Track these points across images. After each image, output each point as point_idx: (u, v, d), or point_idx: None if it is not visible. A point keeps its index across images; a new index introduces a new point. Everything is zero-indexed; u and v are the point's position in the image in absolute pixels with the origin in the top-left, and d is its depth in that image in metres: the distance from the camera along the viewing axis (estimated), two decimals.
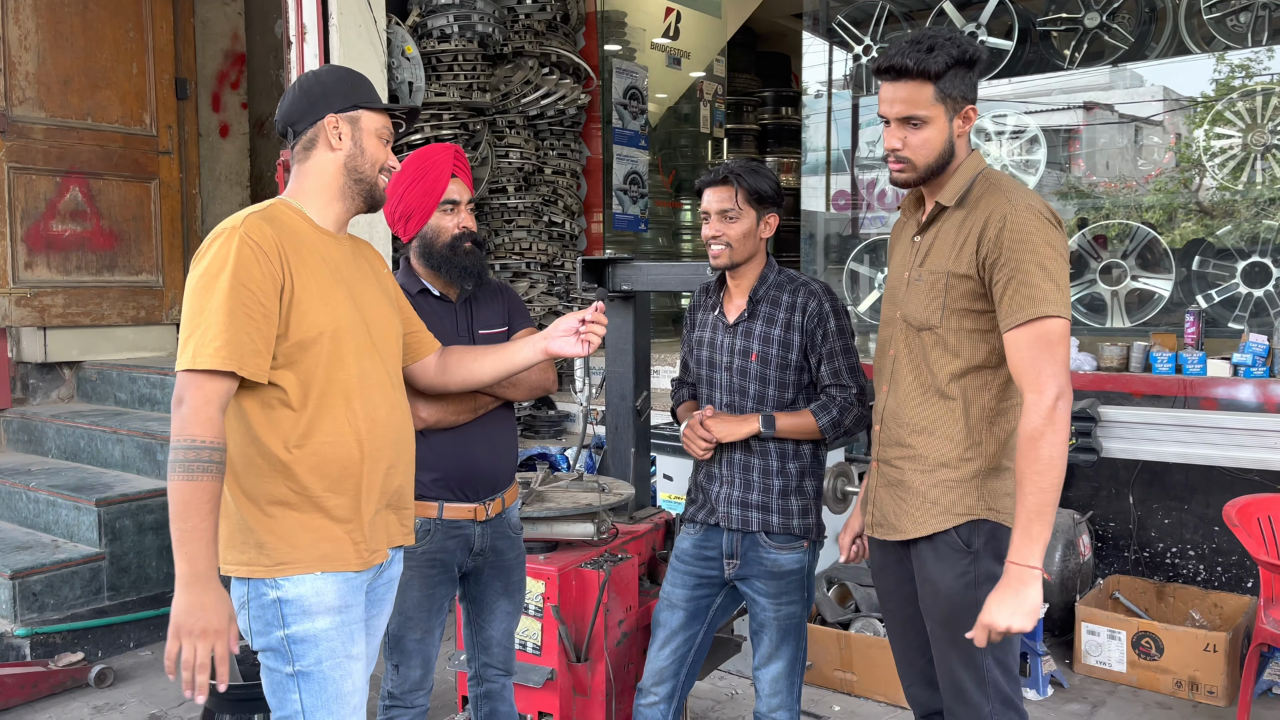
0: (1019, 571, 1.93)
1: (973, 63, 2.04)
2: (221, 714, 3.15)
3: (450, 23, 5.37)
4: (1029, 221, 1.96)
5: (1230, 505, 3.52)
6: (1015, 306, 1.96)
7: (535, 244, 5.89)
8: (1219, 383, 4.28)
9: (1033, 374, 1.94)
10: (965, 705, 2.10)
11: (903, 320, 2.17)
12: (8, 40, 5.27)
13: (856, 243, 5.98)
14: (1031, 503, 1.92)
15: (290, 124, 2.01)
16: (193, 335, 1.81)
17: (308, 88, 2.02)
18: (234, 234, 1.85)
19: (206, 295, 1.82)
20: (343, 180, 2.01)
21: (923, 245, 2.15)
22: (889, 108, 2.07)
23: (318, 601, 1.93)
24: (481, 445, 2.46)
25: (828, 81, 6.28)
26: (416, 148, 2.74)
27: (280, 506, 1.91)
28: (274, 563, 1.91)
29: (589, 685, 2.88)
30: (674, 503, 4.13)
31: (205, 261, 1.86)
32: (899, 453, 2.17)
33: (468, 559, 2.49)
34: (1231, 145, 4.82)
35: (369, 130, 2.02)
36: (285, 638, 1.92)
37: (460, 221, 2.44)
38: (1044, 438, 1.91)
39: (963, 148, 2.10)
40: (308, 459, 1.91)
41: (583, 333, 2.19)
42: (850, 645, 3.80)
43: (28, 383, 5.59)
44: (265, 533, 1.91)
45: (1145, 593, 4.25)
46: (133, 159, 5.91)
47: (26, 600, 4.08)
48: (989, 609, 1.96)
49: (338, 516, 1.95)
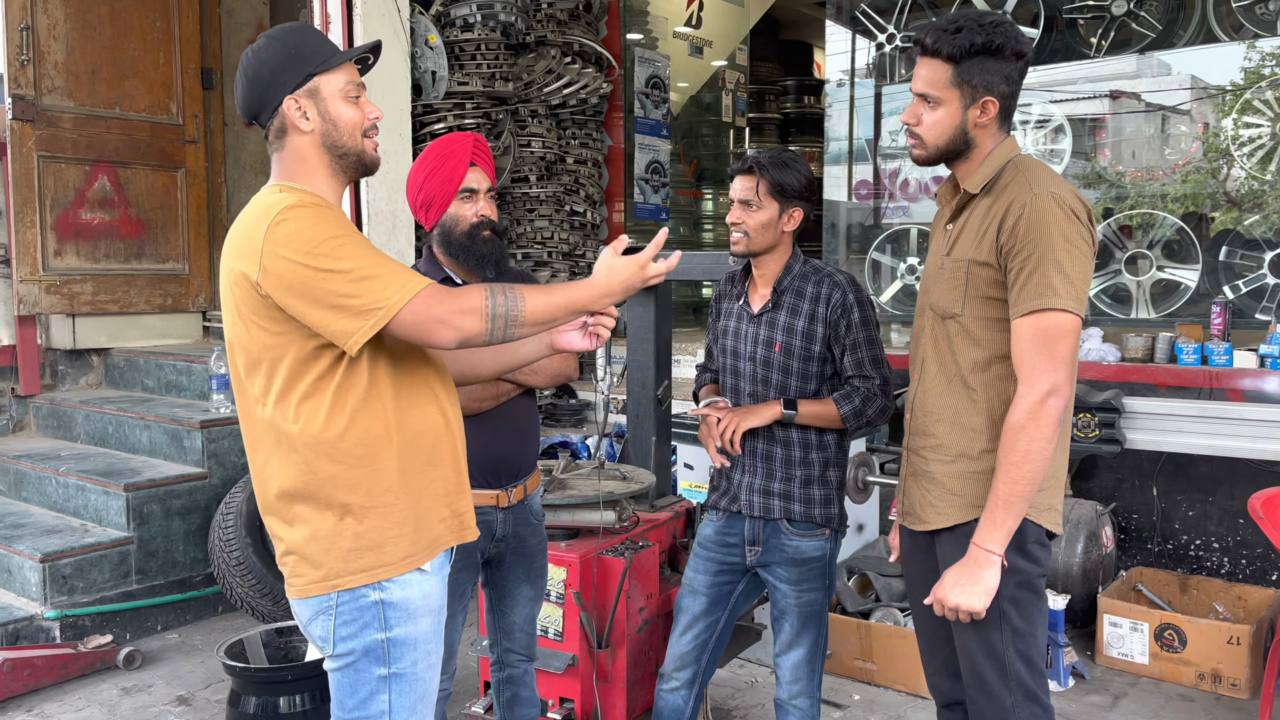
0: (978, 554, 1.96)
1: (998, 52, 1.98)
2: (247, 696, 3.20)
3: (473, 11, 5.38)
4: (1049, 211, 1.93)
5: (1255, 498, 3.49)
6: (1023, 297, 1.94)
7: (557, 233, 5.91)
8: (1245, 374, 4.24)
9: (1027, 366, 1.93)
10: (987, 696, 2.10)
11: (930, 309, 2.17)
12: (36, 30, 5.33)
13: (879, 232, 5.95)
14: (1002, 492, 1.93)
15: (253, 117, 1.85)
16: (379, 278, 1.68)
17: (252, 75, 1.82)
18: (313, 204, 1.74)
19: (355, 248, 1.70)
20: (326, 158, 1.84)
21: (953, 233, 2.13)
22: (913, 82, 2.08)
23: (423, 604, 1.87)
24: (504, 432, 2.47)
25: (850, 70, 6.24)
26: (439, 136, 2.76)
27: (385, 494, 1.81)
28: (379, 564, 1.80)
29: (610, 671, 2.90)
30: (694, 491, 4.14)
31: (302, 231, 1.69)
32: (924, 442, 2.17)
33: (490, 545, 2.51)
34: (1260, 134, 4.76)
35: (333, 96, 1.83)
36: (388, 640, 1.82)
37: (479, 210, 2.42)
38: (1025, 431, 1.91)
39: (984, 138, 2.06)
40: (407, 437, 1.83)
41: (590, 325, 2.09)
42: (871, 634, 3.80)
43: (57, 369, 5.66)
44: (371, 534, 1.80)
45: (1168, 585, 4.23)
46: (160, 148, 5.96)
47: (56, 583, 4.14)
48: (944, 583, 2.00)
49: (439, 491, 1.88)
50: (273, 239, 1.69)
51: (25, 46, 5.26)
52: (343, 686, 1.84)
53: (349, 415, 1.77)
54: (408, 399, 1.84)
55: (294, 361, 1.75)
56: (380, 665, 1.82)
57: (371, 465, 1.79)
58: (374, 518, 1.80)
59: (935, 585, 2.03)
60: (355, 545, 1.79)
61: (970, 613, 1.97)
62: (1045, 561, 2.08)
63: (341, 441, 1.77)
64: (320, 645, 1.84)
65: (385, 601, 1.81)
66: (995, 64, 2.00)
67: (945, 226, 2.18)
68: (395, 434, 1.81)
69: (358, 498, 1.79)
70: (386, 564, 1.81)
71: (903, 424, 2.31)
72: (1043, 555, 2.07)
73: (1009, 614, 2.04)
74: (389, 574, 1.81)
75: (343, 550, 1.79)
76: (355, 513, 1.79)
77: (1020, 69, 2.03)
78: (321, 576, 1.79)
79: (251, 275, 1.71)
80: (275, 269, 1.69)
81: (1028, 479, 1.91)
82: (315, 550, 1.79)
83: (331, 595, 1.80)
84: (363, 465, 1.78)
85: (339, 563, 1.79)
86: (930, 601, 2.04)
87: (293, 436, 1.77)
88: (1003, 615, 2.03)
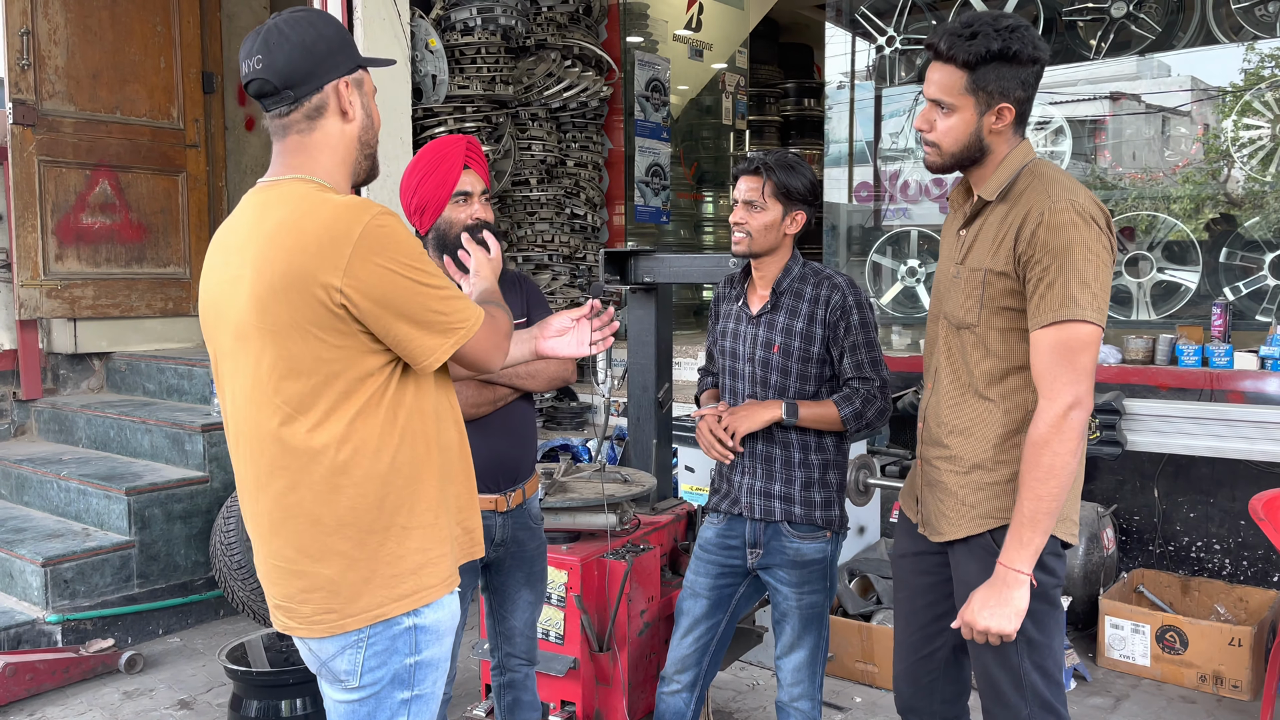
0: (1005, 574, 1.92)
1: (1014, 58, 1.92)
2: (249, 700, 3.20)
3: (473, 15, 5.39)
4: (1068, 220, 1.88)
5: (1256, 499, 3.49)
6: (1043, 308, 1.89)
7: (557, 236, 5.91)
8: (1246, 376, 4.24)
9: (1049, 379, 1.89)
10: (1003, 707, 2.06)
11: (944, 318, 2.13)
12: (37, 35, 5.34)
13: (879, 235, 5.96)
14: (1027, 509, 1.89)
15: (289, 85, 1.67)
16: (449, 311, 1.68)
17: (309, 44, 1.67)
18: (384, 212, 1.64)
19: (435, 265, 1.67)
20: (355, 154, 1.76)
21: (966, 240, 2.09)
22: (927, 87, 2.02)
23: (450, 624, 1.79)
24: (502, 436, 2.47)
25: (850, 73, 6.25)
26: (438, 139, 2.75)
27: (426, 514, 1.73)
28: (422, 588, 1.72)
29: (611, 674, 2.90)
30: (696, 494, 4.14)
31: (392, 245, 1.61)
32: (937, 453, 2.14)
33: (489, 549, 2.50)
34: (1260, 136, 4.77)
35: (370, 93, 1.78)
36: (415, 664, 1.73)
37: (473, 213, 2.40)
38: (1048, 446, 1.87)
39: (999, 144, 2.01)
40: (444, 453, 1.78)
41: (595, 341, 2.08)
42: (872, 637, 3.80)
43: (58, 373, 5.67)
44: (414, 556, 1.71)
45: (1170, 586, 4.23)
46: (160, 152, 5.97)
47: (58, 587, 4.15)
48: (972, 606, 1.95)
49: (455, 508, 1.82)
50: (368, 244, 1.58)
51: (26, 51, 5.28)
52: (358, 715, 1.72)
53: (399, 433, 1.69)
54: (437, 415, 1.78)
55: (352, 379, 1.64)
56: (404, 689, 1.73)
57: (416, 485, 1.71)
58: (416, 539, 1.71)
59: (963, 608, 1.97)
60: (398, 570, 1.69)
61: (1001, 635, 1.92)
62: (1060, 572, 2.05)
63: (395, 460, 1.68)
64: (343, 679, 1.71)
65: (419, 626, 1.72)
66: (1011, 70, 1.94)
67: (958, 232, 2.13)
68: (436, 451, 1.75)
69: (401, 519, 1.69)
70: (429, 586, 1.72)
71: (909, 429, 2.30)
72: (1058, 566, 2.04)
73: (1025, 627, 1.99)
74: (432, 597, 1.72)
75: (385, 577, 1.68)
76: (397, 535, 1.69)
77: (1036, 73, 1.97)
78: (361, 609, 1.67)
79: (327, 283, 1.57)
80: (368, 276, 1.58)
81: (1053, 495, 1.88)
82: (353, 581, 1.67)
83: (365, 629, 1.68)
84: (410, 485, 1.70)
85: (381, 590, 1.67)
86: (958, 625, 1.99)
87: (342, 458, 1.65)
88: (1019, 629, 1.99)
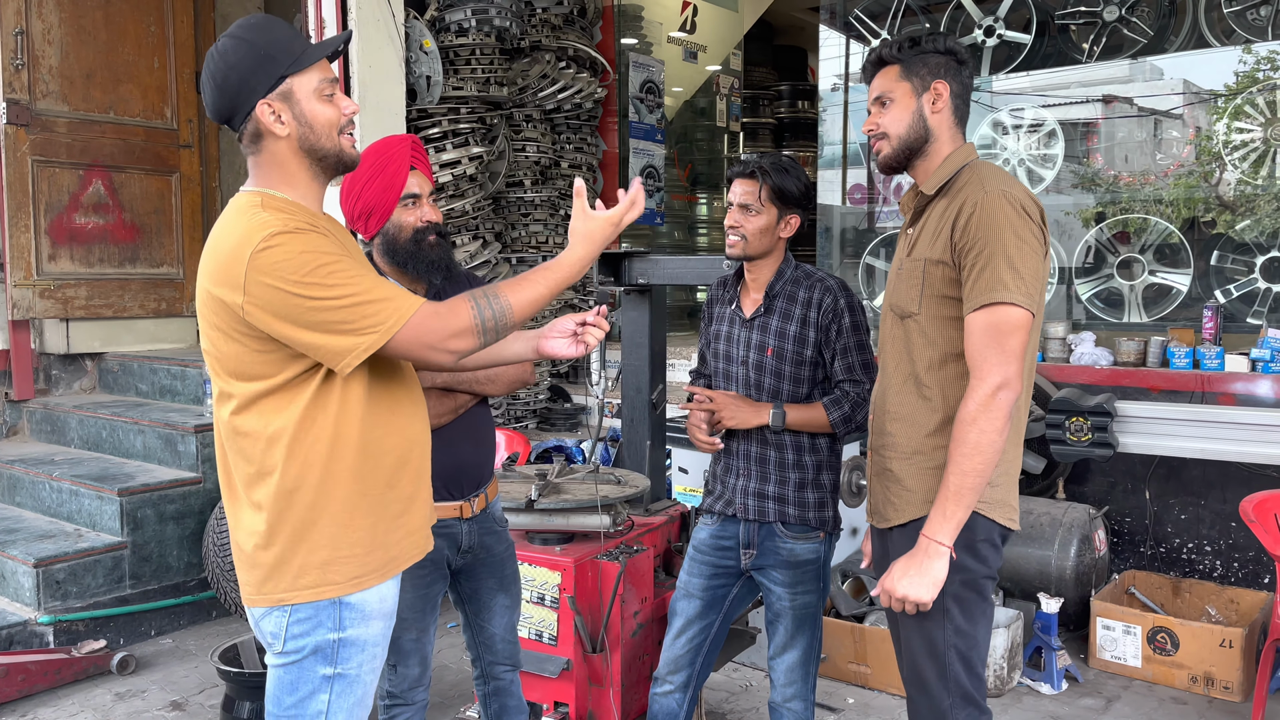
0: (927, 545, 1.97)
1: (934, 43, 2.11)
2: (241, 701, 3.20)
3: (468, 17, 5.39)
4: (1000, 209, 1.97)
5: (1247, 501, 3.51)
6: (975, 292, 1.97)
7: (552, 237, 5.92)
8: (1237, 378, 4.26)
9: (979, 360, 1.96)
10: (924, 694, 2.11)
11: (890, 309, 2.20)
12: (31, 34, 5.33)
13: (872, 237, 5.97)
14: (953, 483, 1.95)
15: (226, 120, 1.77)
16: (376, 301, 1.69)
17: (220, 80, 1.75)
18: (298, 229, 1.68)
19: (346, 272, 1.68)
20: (305, 162, 1.78)
21: (912, 236, 2.18)
22: (869, 98, 2.19)
23: (379, 608, 1.86)
24: (464, 443, 2.45)
25: (844, 75, 6.27)
26: (433, 141, 2.75)
27: (341, 514, 1.80)
28: (325, 582, 1.78)
29: (604, 675, 2.90)
30: (689, 495, 4.15)
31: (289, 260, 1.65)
32: (883, 440, 2.20)
33: (456, 556, 2.49)
34: (1252, 139, 4.79)
35: (307, 96, 1.75)
36: (339, 641, 1.80)
37: (423, 215, 2.37)
38: (975, 423, 1.93)
39: (941, 128, 2.12)
40: (370, 457, 1.82)
41: (580, 334, 2.07)
42: (865, 638, 3.81)
43: (51, 374, 5.65)
44: (320, 553, 1.78)
45: (1161, 588, 4.25)
46: (154, 152, 5.96)
47: (50, 588, 4.14)
48: (892, 574, 2.01)
49: (396, 512, 1.88)
50: (257, 267, 1.64)
51: (20, 51, 5.26)
52: (283, 684, 1.80)
53: (313, 436, 1.75)
54: (366, 421, 1.81)
55: (276, 382, 1.74)
56: (327, 665, 1.80)
57: (328, 484, 1.77)
58: (324, 536, 1.78)
59: (884, 576, 2.05)
60: (306, 563, 1.77)
61: (917, 603, 1.98)
62: (994, 563, 2.09)
63: (308, 459, 1.74)
64: (270, 642, 1.80)
65: (343, 601, 1.79)
66: (936, 57, 2.11)
67: (906, 231, 2.23)
68: (358, 456, 1.79)
69: (313, 515, 1.77)
70: (333, 583, 1.79)
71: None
72: (992, 556, 2.08)
73: (952, 612, 2.05)
74: (335, 593, 1.79)
75: (294, 567, 1.77)
76: (305, 529, 1.77)
77: (963, 72, 2.13)
78: (271, 589, 1.78)
79: (232, 301, 1.67)
80: (261, 296, 1.65)
81: (977, 471, 1.94)
82: (267, 562, 1.77)
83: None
84: (322, 484, 1.76)
85: (290, 578, 1.77)
86: (877, 592, 2.06)
87: (259, 449, 1.75)
88: (945, 612, 2.05)
